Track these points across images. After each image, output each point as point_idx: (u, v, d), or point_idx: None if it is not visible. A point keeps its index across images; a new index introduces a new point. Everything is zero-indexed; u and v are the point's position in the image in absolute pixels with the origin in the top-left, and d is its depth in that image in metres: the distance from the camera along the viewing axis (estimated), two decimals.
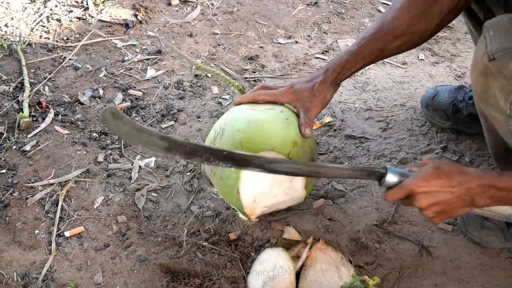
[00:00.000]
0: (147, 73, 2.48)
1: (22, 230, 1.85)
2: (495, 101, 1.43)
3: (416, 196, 1.44)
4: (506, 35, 1.38)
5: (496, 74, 1.39)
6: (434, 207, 1.44)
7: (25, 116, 2.18)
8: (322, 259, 1.70)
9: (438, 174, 1.42)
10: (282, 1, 2.97)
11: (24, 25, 2.70)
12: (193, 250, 1.79)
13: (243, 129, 1.67)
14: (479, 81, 1.46)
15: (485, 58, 1.40)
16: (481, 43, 1.42)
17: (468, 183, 1.41)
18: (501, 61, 1.37)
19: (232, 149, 1.49)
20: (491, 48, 1.39)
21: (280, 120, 1.71)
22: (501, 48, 1.37)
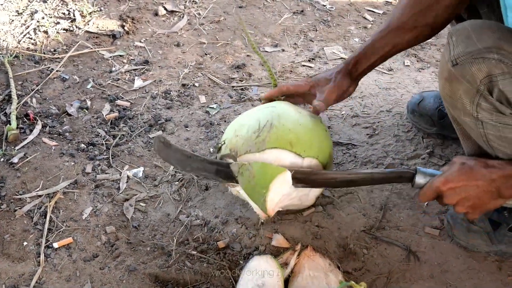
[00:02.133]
0: (135, 83, 2.49)
1: (11, 242, 1.84)
2: (462, 105, 1.47)
3: (444, 193, 1.50)
4: (468, 40, 1.42)
5: (460, 78, 1.43)
6: (465, 202, 1.50)
7: (13, 128, 2.18)
8: (311, 266, 1.70)
9: (462, 170, 1.48)
10: (268, 9, 2.98)
11: (11, 38, 2.71)
12: (182, 259, 1.80)
13: (294, 130, 1.69)
14: (445, 87, 1.50)
15: (449, 64, 1.44)
16: (445, 50, 1.47)
17: (491, 175, 1.46)
18: (464, 65, 1.41)
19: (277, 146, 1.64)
20: (454, 53, 1.43)
21: (321, 129, 1.79)
22: (463, 53, 1.41)
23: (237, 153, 1.68)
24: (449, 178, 1.49)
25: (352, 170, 2.07)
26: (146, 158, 2.14)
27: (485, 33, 1.41)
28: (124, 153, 2.16)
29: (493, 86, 1.39)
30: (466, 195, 1.49)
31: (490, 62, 1.37)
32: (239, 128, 1.74)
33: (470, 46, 1.41)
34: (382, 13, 2.98)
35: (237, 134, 1.72)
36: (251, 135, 1.69)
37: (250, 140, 1.68)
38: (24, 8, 2.88)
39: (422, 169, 1.57)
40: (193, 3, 2.99)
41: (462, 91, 1.44)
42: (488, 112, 1.43)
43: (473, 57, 1.39)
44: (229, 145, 1.73)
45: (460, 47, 1.42)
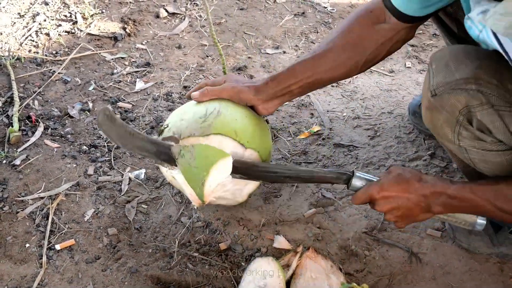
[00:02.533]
0: (136, 85, 2.49)
1: (13, 244, 1.85)
2: (444, 133, 1.48)
3: (377, 201, 1.53)
4: (446, 69, 1.42)
5: (439, 108, 1.43)
6: (395, 212, 1.52)
7: (15, 130, 2.18)
8: (312, 268, 1.71)
9: (397, 181, 1.51)
10: (269, 12, 2.99)
11: (13, 40, 2.71)
12: (183, 261, 1.80)
13: (241, 121, 1.69)
14: (427, 116, 1.51)
15: (429, 94, 1.44)
16: (426, 78, 1.47)
17: (423, 190, 1.49)
18: (442, 96, 1.41)
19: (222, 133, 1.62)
20: (433, 83, 1.43)
21: (265, 126, 1.81)
22: (442, 83, 1.41)
23: (180, 135, 1.64)
24: (384, 187, 1.51)
25: (293, 166, 2.06)
26: (147, 160, 2.14)
27: (463, 62, 1.41)
28: (126, 155, 2.16)
29: (472, 116, 1.40)
30: (397, 205, 1.51)
31: (468, 93, 1.37)
32: (184, 113, 1.72)
33: (448, 76, 1.40)
34: None
35: (182, 118, 1.70)
36: (197, 119, 1.66)
37: (195, 123, 1.65)
38: (26, 10, 2.89)
39: (359, 173, 1.59)
40: (194, 5, 3.00)
41: (443, 121, 1.45)
42: (469, 140, 1.44)
43: (451, 88, 1.39)
44: (172, 128, 1.69)
45: (439, 77, 1.42)
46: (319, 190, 2.02)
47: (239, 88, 1.74)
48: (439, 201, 1.48)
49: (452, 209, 1.51)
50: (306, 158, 2.14)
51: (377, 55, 1.74)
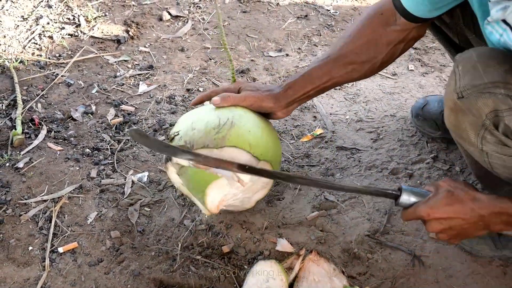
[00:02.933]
0: (139, 88, 2.49)
1: (16, 247, 1.85)
2: (467, 136, 1.45)
3: (428, 222, 1.47)
4: (474, 71, 1.38)
5: (465, 111, 1.39)
6: (449, 232, 1.47)
7: (18, 133, 2.19)
8: (315, 271, 1.71)
9: (450, 201, 1.44)
10: (272, 14, 2.99)
11: (17, 43, 2.72)
12: (186, 264, 1.80)
13: (254, 132, 1.68)
14: (450, 117, 1.47)
15: (455, 96, 1.40)
16: (451, 79, 1.43)
17: (480, 210, 1.42)
18: (469, 99, 1.37)
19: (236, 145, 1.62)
20: (459, 85, 1.39)
21: (276, 136, 1.81)
22: (469, 86, 1.37)
23: (193, 146, 1.63)
24: (434, 209, 1.45)
25: (338, 183, 2.00)
26: (150, 163, 2.15)
27: (491, 65, 1.37)
28: (128, 158, 2.16)
29: (499, 120, 1.36)
30: (451, 226, 1.45)
31: (497, 97, 1.34)
32: (196, 121, 1.70)
33: (476, 79, 1.37)
34: None
35: (194, 127, 1.67)
36: (210, 130, 1.65)
37: (209, 135, 1.64)
38: (29, 13, 2.89)
39: (408, 189, 1.52)
40: (197, 8, 3.00)
41: (468, 123, 1.41)
42: (493, 144, 1.41)
43: (479, 91, 1.35)
44: (184, 137, 1.67)
45: (466, 79, 1.38)
46: (322, 193, 2.02)
47: (260, 96, 1.75)
48: (499, 220, 1.42)
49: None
50: (309, 161, 2.14)
51: (392, 55, 1.75)
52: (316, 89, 1.77)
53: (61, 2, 2.98)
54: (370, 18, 1.75)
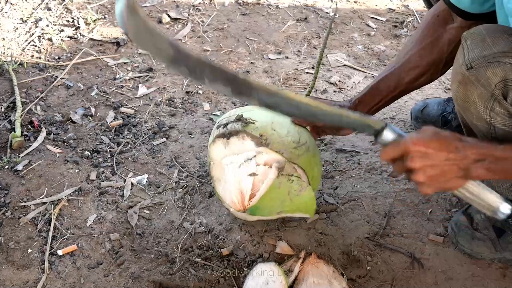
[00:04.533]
0: (139, 90, 2.49)
1: (15, 250, 1.85)
2: (475, 109, 1.45)
3: (411, 154, 1.34)
4: (483, 44, 1.41)
5: (474, 82, 1.41)
6: (428, 170, 1.35)
7: (17, 135, 2.19)
8: (315, 273, 1.70)
9: (437, 138, 1.36)
10: (272, 17, 2.99)
11: (16, 45, 2.72)
12: (186, 266, 1.80)
13: (317, 169, 1.79)
14: (459, 91, 1.48)
15: (463, 67, 1.42)
16: (459, 53, 1.46)
17: (465, 149, 1.35)
18: (479, 69, 1.39)
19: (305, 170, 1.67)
20: (468, 57, 1.42)
21: None
22: (478, 57, 1.40)
23: (268, 144, 1.68)
24: (421, 141, 1.34)
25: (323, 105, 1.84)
26: (150, 165, 2.15)
27: (500, 37, 1.40)
28: (128, 160, 2.16)
29: (508, 90, 1.38)
30: (433, 163, 1.34)
31: (506, 66, 1.36)
32: (277, 124, 1.73)
33: (485, 50, 1.39)
34: (385, 20, 2.99)
35: (274, 128, 1.71)
36: (290, 142, 1.70)
37: (287, 145, 1.69)
38: (29, 15, 2.90)
39: (393, 126, 1.39)
40: (197, 11, 3.00)
41: (476, 95, 1.43)
42: (501, 117, 1.42)
43: (488, 61, 1.38)
44: (261, 129, 1.70)
45: (475, 51, 1.41)
46: (322, 195, 2.02)
47: None
48: (482, 164, 1.35)
49: (496, 173, 1.38)
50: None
51: (454, 54, 1.73)
52: (385, 100, 1.80)
53: (61, 4, 2.98)
54: (428, 22, 1.78)
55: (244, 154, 1.70)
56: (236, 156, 1.72)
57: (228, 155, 1.73)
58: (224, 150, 1.73)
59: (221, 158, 1.75)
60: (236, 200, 1.73)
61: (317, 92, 2.48)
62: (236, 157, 1.72)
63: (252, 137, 1.69)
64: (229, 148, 1.72)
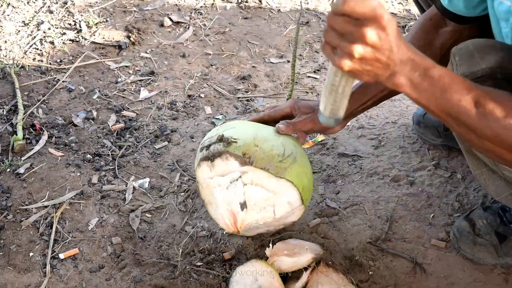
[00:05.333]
0: (140, 94, 2.49)
1: (17, 253, 1.85)
2: None
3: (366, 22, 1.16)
4: (471, 60, 1.41)
5: None
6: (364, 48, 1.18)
7: (19, 138, 2.19)
8: (324, 281, 1.69)
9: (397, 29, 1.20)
10: (273, 21, 2.99)
11: (18, 48, 2.72)
12: (187, 270, 1.80)
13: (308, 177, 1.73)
14: None
15: None
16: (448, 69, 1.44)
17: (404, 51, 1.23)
18: None
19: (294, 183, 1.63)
20: (457, 73, 1.41)
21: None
22: (468, 73, 1.40)
23: (252, 162, 1.63)
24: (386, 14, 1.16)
25: None
26: (152, 169, 2.14)
27: (487, 52, 1.41)
28: (130, 164, 2.16)
29: None
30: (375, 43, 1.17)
31: (494, 82, 1.36)
32: (260, 139, 1.68)
33: (473, 66, 1.40)
34: None
35: (257, 144, 1.65)
36: (274, 156, 1.64)
37: (272, 160, 1.64)
38: (31, 18, 2.90)
39: None
40: (198, 14, 3.01)
41: None
42: None
43: (477, 76, 1.38)
44: (244, 147, 1.65)
45: (464, 67, 1.41)
46: (324, 200, 2.02)
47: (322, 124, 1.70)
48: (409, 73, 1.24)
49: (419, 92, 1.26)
50: None
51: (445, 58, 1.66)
52: (372, 100, 1.76)
53: (62, 7, 2.98)
54: (421, 24, 1.76)
55: (229, 176, 1.66)
56: (222, 178, 1.67)
57: (214, 177, 1.69)
58: (210, 172, 1.68)
59: (208, 181, 1.71)
60: (229, 222, 1.70)
61: (319, 96, 2.48)
62: (222, 178, 1.67)
63: (236, 157, 1.63)
64: (214, 170, 1.67)
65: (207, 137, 1.74)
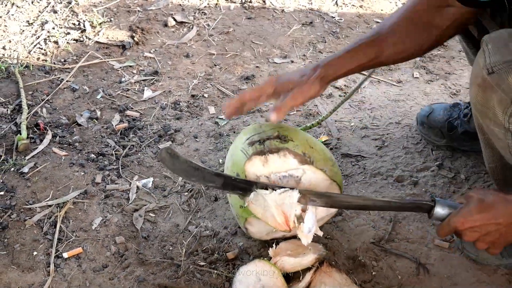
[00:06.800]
0: (144, 94, 2.50)
1: (21, 252, 1.85)
2: (493, 114, 1.44)
3: (463, 232, 1.45)
4: (505, 48, 1.39)
5: (495, 87, 1.39)
6: (486, 238, 1.44)
7: (23, 138, 2.19)
8: (327, 281, 1.68)
9: (481, 208, 1.42)
10: (277, 21, 2.99)
11: (22, 48, 2.72)
12: (191, 270, 1.80)
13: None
14: (478, 95, 1.46)
15: (484, 72, 1.40)
16: (480, 57, 1.43)
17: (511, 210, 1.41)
18: (500, 74, 1.38)
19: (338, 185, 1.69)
20: (490, 61, 1.40)
21: None
22: (500, 61, 1.38)
23: (313, 162, 1.65)
24: (467, 218, 1.43)
25: (369, 195, 2.00)
26: (155, 169, 2.15)
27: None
28: (133, 164, 2.16)
29: None
30: (487, 232, 1.43)
31: None
32: (311, 141, 1.71)
33: (508, 55, 1.38)
34: None
35: (311, 145, 1.68)
36: (327, 159, 1.70)
37: (326, 162, 1.69)
38: (35, 18, 2.90)
39: (441, 201, 1.51)
40: (202, 14, 3.01)
41: (496, 100, 1.41)
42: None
43: (511, 67, 1.37)
44: (301, 147, 1.66)
45: (497, 56, 1.39)
46: None
47: (306, 89, 1.65)
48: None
49: None
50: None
51: (440, 39, 1.70)
52: (359, 68, 1.70)
53: (66, 7, 2.99)
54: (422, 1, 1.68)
55: (288, 172, 1.65)
56: (280, 174, 1.66)
57: (267, 173, 1.66)
58: (262, 168, 1.65)
59: (259, 176, 1.67)
60: (281, 221, 1.63)
61: (322, 96, 2.48)
62: (280, 175, 1.66)
63: (295, 155, 1.64)
64: (268, 166, 1.65)
65: (254, 132, 1.72)
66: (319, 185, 1.66)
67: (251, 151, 1.66)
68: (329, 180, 1.67)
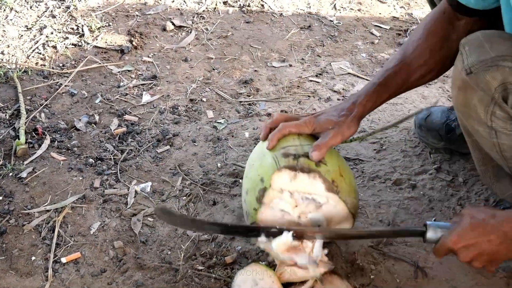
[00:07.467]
0: (143, 98, 2.50)
1: (19, 257, 1.85)
2: (476, 114, 1.47)
3: (457, 252, 1.46)
4: (480, 49, 1.42)
5: (474, 87, 1.43)
6: (480, 257, 1.45)
7: (22, 143, 2.19)
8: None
9: (472, 227, 1.43)
10: (275, 25, 3.00)
11: (20, 52, 2.73)
12: (189, 274, 1.80)
13: None
14: (459, 96, 1.49)
15: (463, 73, 1.44)
16: (458, 60, 1.47)
17: (501, 227, 1.41)
18: (478, 74, 1.41)
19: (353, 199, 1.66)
20: (467, 62, 1.43)
21: None
22: (477, 61, 1.42)
23: (338, 192, 1.61)
24: (460, 237, 1.44)
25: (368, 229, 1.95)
26: (154, 173, 2.15)
27: (497, 41, 1.42)
28: (132, 168, 2.16)
29: (508, 93, 1.39)
30: (480, 251, 1.44)
31: (505, 70, 1.37)
32: (343, 168, 1.69)
33: (483, 54, 1.41)
34: (389, 29, 2.99)
35: (342, 173, 1.65)
36: (352, 191, 1.67)
37: (350, 194, 1.66)
38: (33, 23, 2.91)
39: (432, 224, 1.52)
40: (201, 19, 3.01)
41: (477, 100, 1.44)
42: (502, 120, 1.43)
43: (487, 65, 1.39)
44: (333, 173, 1.63)
45: (474, 56, 1.42)
46: None
47: (343, 128, 1.69)
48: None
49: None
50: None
51: None
52: (391, 96, 1.75)
53: (65, 12, 2.99)
54: (435, 18, 1.74)
55: (312, 196, 1.62)
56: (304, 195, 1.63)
57: (292, 189, 1.62)
58: (289, 183, 1.61)
59: (284, 190, 1.63)
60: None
61: (321, 100, 2.48)
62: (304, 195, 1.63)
63: (324, 180, 1.60)
64: (295, 183, 1.61)
65: (291, 144, 1.68)
66: (336, 215, 1.64)
67: (283, 163, 1.62)
68: (348, 212, 1.64)
